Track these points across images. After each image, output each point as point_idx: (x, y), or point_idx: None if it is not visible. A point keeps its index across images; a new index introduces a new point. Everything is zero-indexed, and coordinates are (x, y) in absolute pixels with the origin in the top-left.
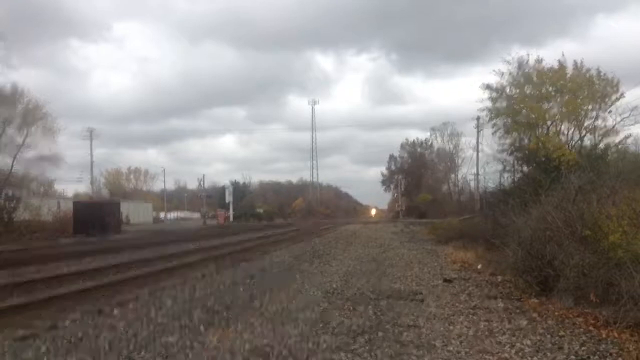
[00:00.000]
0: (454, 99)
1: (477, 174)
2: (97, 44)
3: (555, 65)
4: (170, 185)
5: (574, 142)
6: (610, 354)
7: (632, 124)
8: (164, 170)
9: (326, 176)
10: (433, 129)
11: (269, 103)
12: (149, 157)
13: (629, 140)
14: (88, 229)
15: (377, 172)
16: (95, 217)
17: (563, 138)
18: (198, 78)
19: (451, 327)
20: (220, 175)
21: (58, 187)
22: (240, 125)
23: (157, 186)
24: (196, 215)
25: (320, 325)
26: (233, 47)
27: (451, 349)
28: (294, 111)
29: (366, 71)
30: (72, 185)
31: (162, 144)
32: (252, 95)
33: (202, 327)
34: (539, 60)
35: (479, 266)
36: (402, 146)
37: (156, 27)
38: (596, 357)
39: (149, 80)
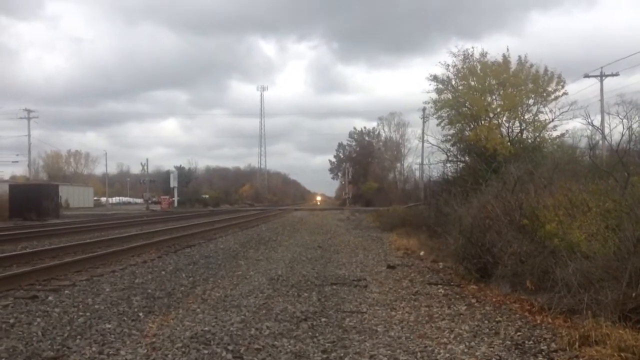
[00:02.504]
0: (397, 89)
1: (422, 163)
2: (29, 22)
3: (499, 59)
4: (113, 170)
5: (513, 135)
6: (544, 339)
7: (570, 119)
8: (106, 153)
9: (273, 163)
10: (380, 119)
11: (211, 87)
12: (88, 140)
13: (566, 136)
14: (25, 212)
15: (323, 160)
16: (32, 200)
17: (504, 130)
18: (135, 60)
19: (393, 313)
20: (164, 159)
21: None
22: (181, 110)
23: (99, 170)
24: (139, 200)
25: (264, 311)
26: (171, 30)
27: (392, 334)
28: (236, 97)
29: (309, 59)
30: (8, 167)
31: (101, 127)
32: (193, 79)
33: (141, 314)
34: (483, 54)
35: (422, 253)
36: (351, 134)
37: (89, 7)
38: (531, 342)
39: (85, 61)
